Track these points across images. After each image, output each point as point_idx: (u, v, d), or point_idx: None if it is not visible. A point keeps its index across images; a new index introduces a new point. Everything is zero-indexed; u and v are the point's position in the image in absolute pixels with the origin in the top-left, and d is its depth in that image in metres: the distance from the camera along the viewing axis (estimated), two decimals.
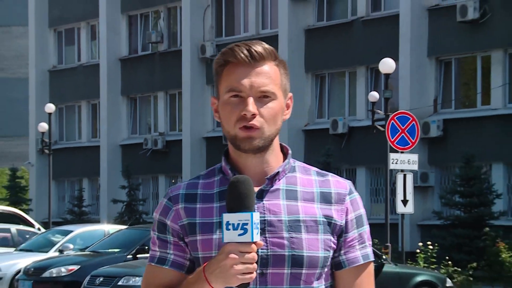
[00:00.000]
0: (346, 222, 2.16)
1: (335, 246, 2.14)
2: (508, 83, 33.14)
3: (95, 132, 48.27)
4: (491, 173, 32.50)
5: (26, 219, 32.57)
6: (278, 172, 2.14)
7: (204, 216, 2.13)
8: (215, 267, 1.95)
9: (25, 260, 23.80)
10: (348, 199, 2.18)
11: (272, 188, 2.13)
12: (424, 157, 31.96)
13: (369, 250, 2.23)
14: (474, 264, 25.50)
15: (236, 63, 2.09)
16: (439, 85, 34.94)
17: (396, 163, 23.90)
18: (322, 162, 30.01)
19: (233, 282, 1.93)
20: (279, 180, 2.15)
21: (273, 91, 2.11)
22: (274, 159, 2.16)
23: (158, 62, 43.47)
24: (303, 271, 2.09)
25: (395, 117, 24.10)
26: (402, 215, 24.75)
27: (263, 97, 2.09)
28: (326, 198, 2.17)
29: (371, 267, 2.25)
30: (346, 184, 2.19)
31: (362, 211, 2.23)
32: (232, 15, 42.76)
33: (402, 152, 23.86)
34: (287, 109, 2.20)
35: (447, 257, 25.50)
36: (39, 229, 31.06)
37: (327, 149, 32.13)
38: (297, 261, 2.08)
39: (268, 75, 2.12)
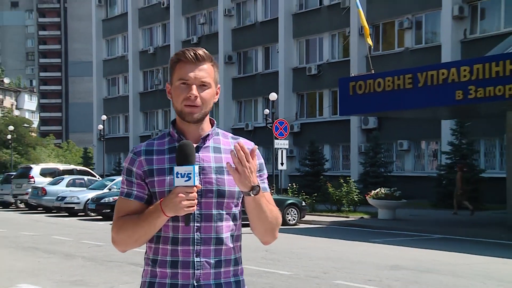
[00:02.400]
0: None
1: None
2: (331, 105, 38.15)
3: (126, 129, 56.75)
4: (323, 149, 37.84)
5: (92, 173, 37.35)
6: (208, 134, 2.57)
7: (158, 164, 2.52)
8: (168, 202, 2.34)
9: (92, 194, 27.18)
10: (254, 151, 2.49)
11: (204, 145, 2.55)
12: (291, 141, 35.98)
13: (266, 185, 2.62)
14: (315, 195, 28.48)
15: (185, 61, 2.50)
16: (298, 106, 41.10)
17: (278, 145, 27.67)
18: None
19: (181, 213, 2.35)
20: (209, 140, 2.58)
21: (209, 82, 2.52)
22: (206, 127, 2.58)
23: None
24: (225, 200, 2.51)
25: (277, 122, 28.25)
26: (280, 170, 29.31)
27: (202, 86, 2.50)
28: None
29: (269, 195, 2.61)
30: (252, 143, 2.60)
31: (262, 160, 2.63)
32: None
33: (280, 139, 27.80)
34: (216, 95, 2.60)
35: (302, 191, 27.79)
36: (98, 178, 35.04)
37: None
38: (221, 194, 2.49)
39: (206, 71, 2.52)
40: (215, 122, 2.62)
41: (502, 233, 18.69)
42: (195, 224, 2.44)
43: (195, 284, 2.44)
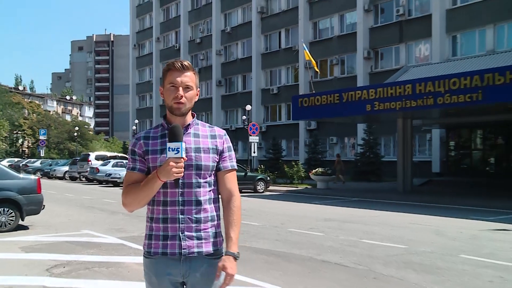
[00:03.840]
0: (223, 148, 2.41)
1: (217, 160, 2.39)
2: (286, 113, 37.24)
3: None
4: (281, 143, 36.23)
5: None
6: (190, 124, 2.37)
7: (153, 146, 2.34)
8: (162, 170, 2.18)
9: None
10: (224, 137, 2.43)
11: (186, 132, 2.34)
12: (260, 137, 33.53)
13: (234, 163, 2.44)
14: (276, 172, 28.82)
15: (174, 69, 2.31)
16: (265, 114, 40.00)
17: (251, 140, 27.09)
18: None
19: (172, 178, 2.18)
20: (190, 128, 2.37)
21: (192, 85, 2.33)
22: (188, 118, 2.37)
23: None
24: (202, 172, 2.32)
25: (251, 124, 27.42)
26: (253, 157, 28.91)
27: (187, 88, 2.31)
28: (213, 137, 2.39)
29: (235, 172, 2.44)
30: (223, 131, 2.45)
31: (230, 144, 2.45)
32: None
33: (253, 136, 27.03)
34: (197, 95, 2.38)
35: (267, 170, 28.23)
36: None
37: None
38: (198, 167, 2.31)
39: (190, 77, 2.32)
40: (195, 115, 2.44)
41: (394, 196, 18.84)
42: (179, 190, 2.30)
43: (181, 234, 2.30)
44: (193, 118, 2.41)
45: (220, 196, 2.44)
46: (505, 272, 6.66)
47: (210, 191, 2.37)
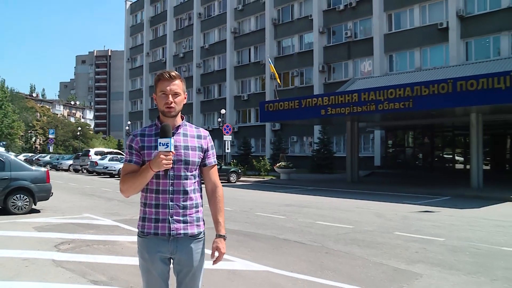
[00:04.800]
0: (207, 147, 2.36)
1: (202, 156, 2.34)
2: (255, 116, 36.11)
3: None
4: (251, 141, 35.39)
5: (122, 153, 32.62)
6: (180, 125, 2.31)
7: (148, 143, 2.27)
8: (154, 161, 2.13)
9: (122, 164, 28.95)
10: (207, 137, 2.38)
11: (177, 132, 2.27)
12: (233, 137, 33.76)
13: (216, 159, 2.42)
14: (246, 166, 27.96)
15: (163, 79, 2.25)
16: (237, 117, 39.04)
17: (225, 139, 25.92)
18: None
19: (162, 168, 2.13)
20: (180, 129, 2.30)
21: (180, 92, 2.26)
22: (178, 120, 2.31)
23: None
24: (189, 166, 2.27)
25: (225, 125, 26.27)
26: (227, 153, 27.31)
27: (175, 94, 2.25)
28: (199, 137, 2.34)
29: (216, 167, 2.43)
30: (207, 132, 2.42)
31: (212, 143, 2.41)
32: None
33: (226, 136, 25.89)
34: (185, 99, 2.32)
35: (239, 164, 27.76)
36: None
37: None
38: (186, 162, 2.26)
39: (177, 85, 2.26)
40: (184, 117, 2.40)
41: (344, 185, 18.93)
42: (170, 181, 2.26)
43: (170, 218, 2.27)
44: (182, 120, 2.36)
45: (204, 187, 2.42)
46: (428, 244, 6.82)
47: (195, 182, 2.33)
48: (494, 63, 20.70)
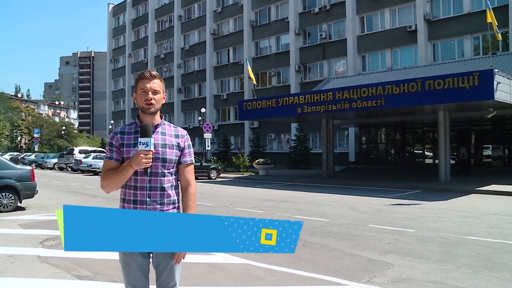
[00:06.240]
0: (184, 146, 2.32)
1: (179, 154, 2.31)
2: (234, 114, 36.44)
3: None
4: (230, 138, 35.89)
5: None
6: (158, 124, 2.28)
7: (127, 140, 2.25)
8: (134, 159, 2.12)
9: None
10: (185, 136, 2.35)
11: (156, 131, 2.25)
12: (213, 134, 34.63)
13: (192, 158, 2.35)
14: (226, 163, 28.76)
15: (144, 78, 2.25)
16: (217, 115, 38.94)
17: (205, 136, 25.84)
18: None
19: (142, 166, 2.12)
20: (158, 127, 2.27)
21: (159, 90, 2.26)
22: (157, 119, 2.28)
23: None
24: (166, 164, 2.25)
25: (205, 123, 26.02)
26: (207, 150, 27.10)
27: (155, 92, 2.24)
28: (177, 136, 2.31)
29: (193, 165, 2.37)
30: (185, 131, 2.39)
31: (190, 142, 2.38)
32: None
33: (207, 133, 25.80)
34: (164, 99, 2.29)
35: (219, 161, 27.59)
36: None
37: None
38: (164, 160, 2.24)
39: (157, 84, 2.26)
40: (163, 116, 2.36)
41: (321, 179, 18.88)
42: (147, 178, 2.23)
43: None
44: (161, 119, 2.33)
45: (179, 184, 2.40)
46: (400, 236, 6.88)
47: (172, 179, 2.30)
48: (458, 64, 20.99)
